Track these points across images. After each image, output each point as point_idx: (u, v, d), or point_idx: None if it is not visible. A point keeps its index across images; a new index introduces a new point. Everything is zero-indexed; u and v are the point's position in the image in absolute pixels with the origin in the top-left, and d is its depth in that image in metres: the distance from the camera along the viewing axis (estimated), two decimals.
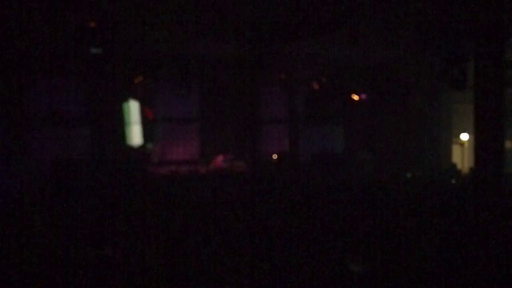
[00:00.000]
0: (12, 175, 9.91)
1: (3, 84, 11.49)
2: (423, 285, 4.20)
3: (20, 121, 12.65)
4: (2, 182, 9.69)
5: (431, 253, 4.67)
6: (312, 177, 11.31)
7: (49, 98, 12.90)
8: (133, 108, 13.32)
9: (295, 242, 5.17)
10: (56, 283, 4.38)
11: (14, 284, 4.29)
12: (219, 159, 14.04)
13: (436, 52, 10.45)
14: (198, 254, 4.89)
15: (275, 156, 14.31)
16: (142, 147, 14.09)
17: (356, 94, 14.77)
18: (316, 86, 14.75)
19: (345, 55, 12.81)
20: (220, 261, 4.70)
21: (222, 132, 15.35)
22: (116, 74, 13.28)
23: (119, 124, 13.73)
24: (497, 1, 6.92)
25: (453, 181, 10.69)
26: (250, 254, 4.83)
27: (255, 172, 12.62)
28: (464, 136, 15.09)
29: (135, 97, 13.26)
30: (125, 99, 13.08)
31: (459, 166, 13.77)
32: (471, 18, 7.63)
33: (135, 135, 13.35)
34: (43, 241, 4.97)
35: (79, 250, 4.88)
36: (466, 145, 15.22)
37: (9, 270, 4.38)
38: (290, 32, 9.60)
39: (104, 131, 13.72)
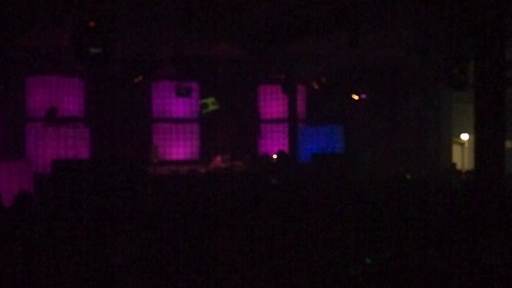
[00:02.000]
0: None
1: (3, 84, 11.49)
2: (423, 285, 4.20)
3: (20, 121, 12.66)
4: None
5: (431, 253, 4.67)
6: (312, 177, 11.30)
7: (49, 98, 12.89)
8: None
9: (295, 242, 5.16)
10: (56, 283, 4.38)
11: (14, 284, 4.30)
12: (218, 159, 14.06)
13: (437, 52, 10.46)
14: (198, 254, 4.89)
15: (275, 156, 14.30)
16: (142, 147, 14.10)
17: (356, 94, 14.76)
18: (316, 86, 14.74)
19: (345, 55, 12.80)
20: (220, 261, 4.70)
21: (222, 132, 15.36)
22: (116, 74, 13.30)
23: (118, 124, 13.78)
24: (497, 1, 6.92)
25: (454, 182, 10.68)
26: (250, 254, 4.83)
27: (254, 172, 12.62)
28: (464, 136, 15.09)
29: None
30: None
31: (459, 166, 13.76)
32: (471, 18, 7.63)
33: None
34: (44, 241, 4.97)
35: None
36: (466, 145, 15.22)
37: (8, 271, 4.38)
38: (290, 32, 9.59)
39: (104, 131, 13.73)
